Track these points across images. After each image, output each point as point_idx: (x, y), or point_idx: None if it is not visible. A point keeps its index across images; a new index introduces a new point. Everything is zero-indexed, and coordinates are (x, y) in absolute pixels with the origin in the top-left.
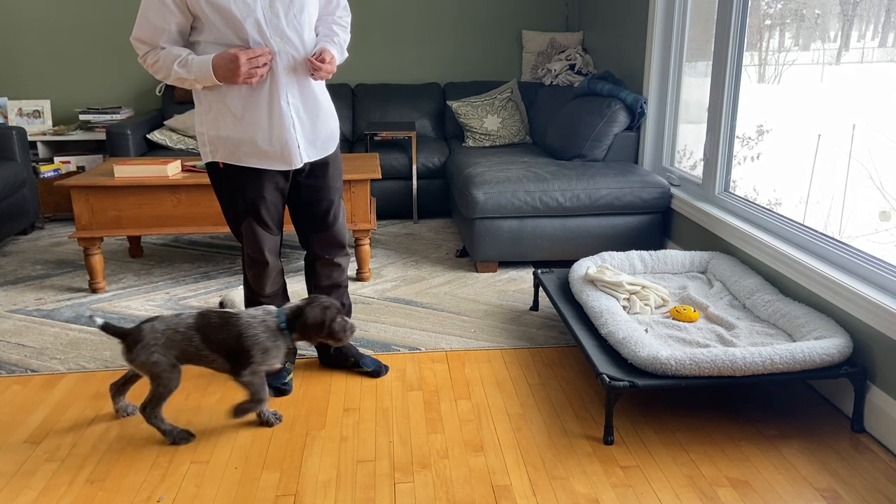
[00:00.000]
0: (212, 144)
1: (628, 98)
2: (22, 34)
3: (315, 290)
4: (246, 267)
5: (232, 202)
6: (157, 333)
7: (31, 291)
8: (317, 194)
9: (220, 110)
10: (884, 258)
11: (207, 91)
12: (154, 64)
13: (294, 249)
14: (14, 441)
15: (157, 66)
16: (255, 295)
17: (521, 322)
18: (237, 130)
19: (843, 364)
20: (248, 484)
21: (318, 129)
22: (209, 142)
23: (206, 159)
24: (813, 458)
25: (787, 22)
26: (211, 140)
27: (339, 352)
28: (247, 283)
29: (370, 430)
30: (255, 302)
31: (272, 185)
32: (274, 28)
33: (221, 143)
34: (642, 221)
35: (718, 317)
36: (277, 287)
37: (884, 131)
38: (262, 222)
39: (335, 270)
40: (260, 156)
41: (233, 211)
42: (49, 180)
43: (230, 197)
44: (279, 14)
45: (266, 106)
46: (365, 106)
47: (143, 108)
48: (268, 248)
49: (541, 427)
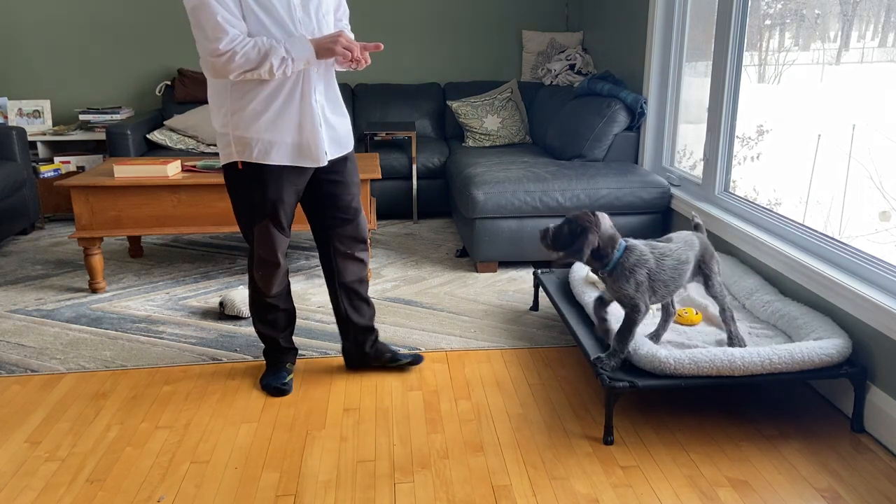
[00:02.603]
0: (238, 144)
1: (628, 98)
2: (22, 34)
3: (340, 287)
4: (255, 268)
5: (249, 204)
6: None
7: (31, 291)
8: (338, 189)
9: (253, 109)
10: (884, 258)
11: (236, 89)
12: (250, 51)
13: (295, 249)
14: (14, 441)
15: (249, 53)
16: (262, 296)
17: (521, 322)
18: (270, 129)
19: (842, 364)
20: (248, 484)
21: (340, 126)
22: (235, 142)
23: (227, 160)
24: (813, 458)
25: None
26: (237, 140)
27: (374, 350)
28: (252, 283)
29: (370, 430)
30: (260, 303)
31: (292, 187)
32: (305, 27)
33: (250, 142)
34: (642, 221)
35: (718, 317)
36: (283, 287)
37: (884, 131)
38: (278, 224)
39: (358, 265)
40: (292, 155)
41: (248, 213)
42: (49, 180)
43: (248, 199)
44: (310, 13)
45: (298, 104)
46: (365, 106)
47: (143, 108)
48: (281, 249)
49: (541, 427)
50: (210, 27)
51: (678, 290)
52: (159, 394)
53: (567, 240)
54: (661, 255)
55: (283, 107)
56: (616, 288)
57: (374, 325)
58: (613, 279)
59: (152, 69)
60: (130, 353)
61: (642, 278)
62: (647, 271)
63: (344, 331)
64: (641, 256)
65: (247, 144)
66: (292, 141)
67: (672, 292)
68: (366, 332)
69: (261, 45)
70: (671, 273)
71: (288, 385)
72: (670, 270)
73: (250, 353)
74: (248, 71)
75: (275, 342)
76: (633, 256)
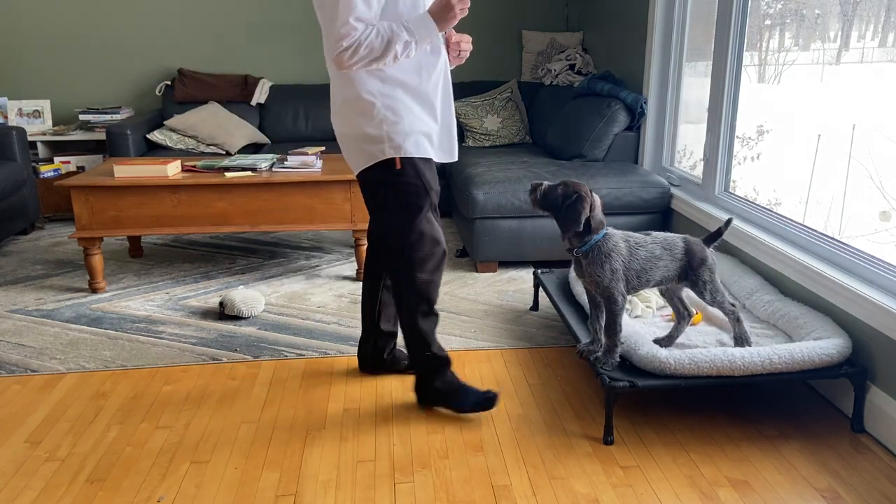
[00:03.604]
0: (393, 140)
1: (628, 98)
2: (22, 34)
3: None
4: (422, 272)
5: (410, 199)
6: None
7: (31, 291)
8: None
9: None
10: (884, 258)
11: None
12: (374, 40)
13: (295, 249)
14: (14, 441)
15: (373, 43)
16: (430, 304)
17: (521, 322)
18: (423, 122)
19: (842, 364)
20: (248, 484)
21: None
22: (390, 137)
23: (378, 158)
24: (813, 458)
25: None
26: (391, 135)
27: (392, 357)
28: (417, 295)
29: (370, 430)
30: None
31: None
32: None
33: (403, 136)
34: (642, 221)
35: (718, 317)
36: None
37: (884, 131)
38: (435, 209)
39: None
40: (439, 149)
41: (409, 209)
42: (49, 180)
43: (411, 194)
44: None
45: (441, 97)
46: None
47: (143, 108)
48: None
49: (541, 427)
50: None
51: (651, 284)
52: (159, 394)
53: (556, 202)
54: (635, 245)
55: (431, 99)
56: (591, 272)
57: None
58: (588, 262)
59: (152, 69)
60: (130, 353)
61: (617, 265)
62: (622, 259)
63: (368, 335)
64: (616, 245)
65: (402, 139)
66: (438, 135)
67: (644, 284)
68: (388, 339)
69: (383, 32)
70: (643, 263)
71: (490, 391)
72: (642, 261)
73: (250, 353)
74: (372, 61)
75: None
76: (609, 242)
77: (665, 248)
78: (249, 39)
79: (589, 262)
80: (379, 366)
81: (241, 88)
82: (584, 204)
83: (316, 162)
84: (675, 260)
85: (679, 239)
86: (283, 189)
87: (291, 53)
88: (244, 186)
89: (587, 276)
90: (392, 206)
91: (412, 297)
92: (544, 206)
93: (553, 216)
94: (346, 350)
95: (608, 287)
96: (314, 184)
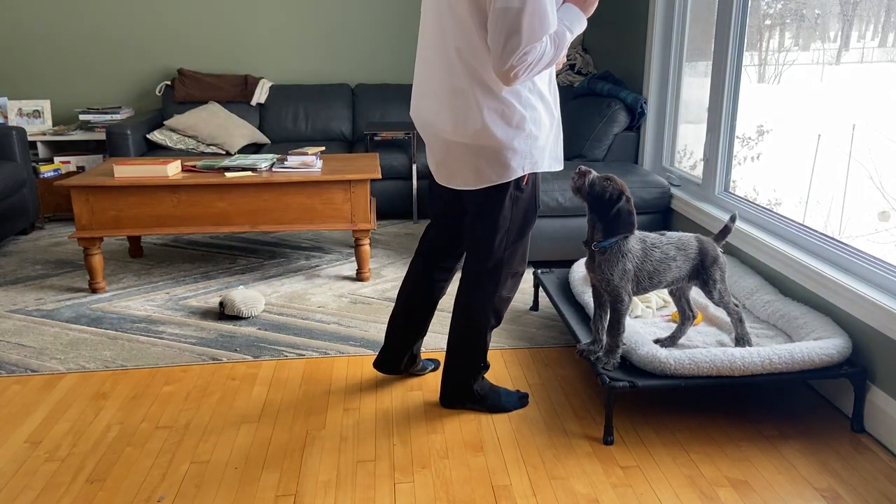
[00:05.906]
0: (532, 156)
1: (628, 98)
2: (22, 34)
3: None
4: (508, 290)
5: (528, 216)
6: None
7: (31, 291)
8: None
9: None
10: (884, 258)
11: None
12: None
13: (294, 249)
14: (14, 441)
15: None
16: (500, 319)
17: (521, 322)
18: (551, 133)
19: (842, 364)
20: (248, 484)
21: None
22: (531, 153)
23: (517, 173)
24: (813, 458)
25: (787, 22)
26: (532, 151)
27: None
28: (495, 312)
29: (370, 430)
30: (490, 331)
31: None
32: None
33: (540, 151)
34: (642, 221)
35: (718, 317)
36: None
37: (884, 131)
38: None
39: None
40: (553, 160)
41: (526, 225)
42: (49, 180)
43: (530, 210)
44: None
45: (554, 106)
46: (365, 106)
47: (143, 108)
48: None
49: (541, 427)
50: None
51: (662, 285)
52: (159, 394)
53: (597, 196)
54: (651, 246)
55: (553, 108)
56: (602, 270)
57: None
58: (604, 258)
59: (152, 69)
60: (130, 353)
61: (630, 266)
62: (635, 260)
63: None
64: (633, 246)
65: (536, 153)
66: (553, 146)
67: (655, 285)
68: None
69: (556, 38)
70: (656, 265)
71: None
72: (656, 262)
73: (250, 353)
74: (545, 67)
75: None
76: (628, 243)
77: (679, 249)
78: (249, 39)
79: (604, 258)
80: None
81: (241, 88)
82: (633, 208)
83: (316, 162)
84: (689, 260)
85: (693, 238)
86: (283, 189)
87: (291, 53)
88: (244, 186)
89: (598, 271)
90: (513, 223)
91: (490, 312)
92: (589, 194)
93: (589, 206)
94: (346, 350)
95: (617, 286)
96: (314, 184)
